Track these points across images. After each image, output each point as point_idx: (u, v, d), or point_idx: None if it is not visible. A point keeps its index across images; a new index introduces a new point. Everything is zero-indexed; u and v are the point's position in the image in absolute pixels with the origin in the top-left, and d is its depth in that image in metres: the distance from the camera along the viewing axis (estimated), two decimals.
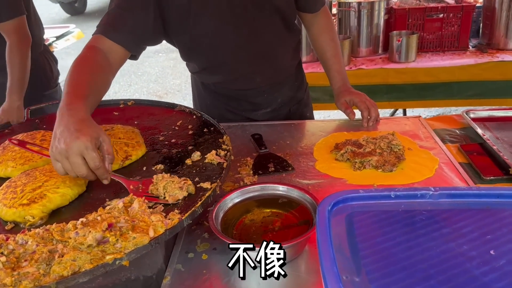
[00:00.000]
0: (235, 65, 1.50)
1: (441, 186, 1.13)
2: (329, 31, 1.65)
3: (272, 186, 1.04)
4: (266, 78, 1.56)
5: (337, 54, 1.64)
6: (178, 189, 0.97)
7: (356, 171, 1.25)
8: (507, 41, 2.88)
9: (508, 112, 1.50)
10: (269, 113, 1.65)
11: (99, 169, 0.95)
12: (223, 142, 1.18)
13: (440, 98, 2.83)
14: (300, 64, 1.73)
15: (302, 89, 1.73)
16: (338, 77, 1.63)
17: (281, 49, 1.55)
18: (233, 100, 1.62)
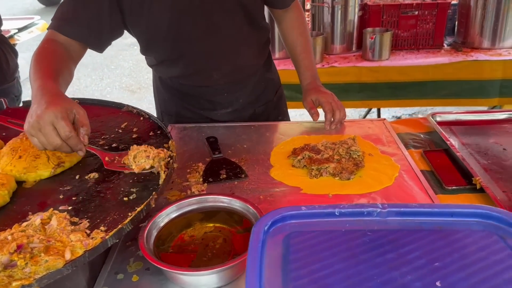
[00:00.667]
0: (191, 59, 1.41)
1: (400, 196, 1.07)
2: (299, 25, 1.56)
3: (215, 197, 0.95)
4: (224, 76, 1.47)
5: (307, 49, 1.56)
6: (145, 158, 0.96)
7: (312, 178, 1.17)
8: (481, 39, 2.84)
9: (475, 115, 1.44)
10: (230, 114, 1.56)
11: (71, 139, 0.92)
12: (168, 147, 1.09)
13: (414, 98, 2.78)
14: (270, 64, 1.64)
15: (270, 90, 1.64)
16: (307, 74, 1.55)
17: (243, 47, 1.45)
18: (191, 97, 1.54)
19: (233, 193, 1.11)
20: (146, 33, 1.34)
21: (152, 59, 1.48)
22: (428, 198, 1.06)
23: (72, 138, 0.93)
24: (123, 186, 0.96)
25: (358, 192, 1.10)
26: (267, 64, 1.61)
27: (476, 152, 1.26)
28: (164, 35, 1.33)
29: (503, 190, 1.08)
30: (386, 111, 3.92)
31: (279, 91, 1.69)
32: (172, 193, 1.12)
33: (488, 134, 1.35)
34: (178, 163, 1.25)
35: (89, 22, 1.22)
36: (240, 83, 1.52)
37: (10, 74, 2.21)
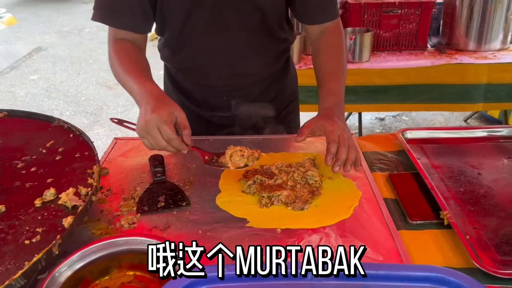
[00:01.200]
0: (190, 53, 1.31)
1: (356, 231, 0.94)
2: (333, 46, 1.31)
3: (126, 239, 0.80)
4: (222, 79, 1.35)
5: (336, 72, 1.27)
6: (240, 156, 1.05)
7: (262, 207, 1.03)
8: (467, 41, 2.71)
9: (449, 132, 1.31)
10: (229, 119, 1.43)
11: (173, 141, 1.00)
12: (92, 173, 0.95)
13: (395, 102, 2.65)
14: (285, 75, 1.46)
15: (280, 102, 1.47)
16: (329, 98, 1.22)
17: (250, 53, 1.30)
18: (190, 94, 1.43)
19: (169, 226, 0.97)
20: (160, 13, 1.25)
21: (161, 41, 1.38)
22: (389, 234, 0.93)
23: (174, 140, 0.99)
24: (29, 224, 0.82)
25: (311, 226, 0.96)
26: (282, 73, 1.45)
27: (448, 177, 1.13)
28: (172, 20, 1.25)
29: (474, 226, 0.95)
30: (369, 112, 3.79)
31: (291, 106, 1.53)
32: (99, 225, 0.97)
33: (463, 155, 1.23)
34: (114, 186, 1.12)
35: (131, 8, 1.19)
36: (241, 89, 1.39)
37: None
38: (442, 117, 3.81)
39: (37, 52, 5.99)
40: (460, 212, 1.00)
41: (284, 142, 1.34)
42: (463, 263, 0.86)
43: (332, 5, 1.32)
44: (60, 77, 4.92)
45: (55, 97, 4.51)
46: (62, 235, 0.77)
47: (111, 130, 3.77)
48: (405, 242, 0.91)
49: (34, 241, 0.78)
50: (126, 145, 1.32)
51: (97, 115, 4.09)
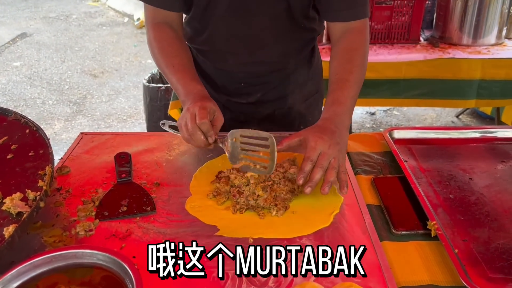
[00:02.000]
0: (211, 35, 1.25)
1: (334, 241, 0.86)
2: (350, 51, 1.17)
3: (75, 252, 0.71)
4: (241, 65, 1.29)
5: (347, 80, 1.12)
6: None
7: (236, 213, 0.94)
8: (461, 35, 2.63)
9: (439, 133, 1.23)
10: (244, 106, 1.37)
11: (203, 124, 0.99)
12: (44, 175, 0.85)
13: (386, 97, 2.56)
14: (309, 66, 1.37)
15: (300, 94, 1.38)
16: (332, 107, 1.08)
17: (272, 40, 1.23)
18: (209, 77, 1.37)
19: (130, 234, 0.88)
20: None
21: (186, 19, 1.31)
22: (371, 246, 0.85)
23: (204, 123, 0.98)
24: None
25: (286, 236, 0.88)
26: (305, 64, 1.36)
27: (437, 181, 1.05)
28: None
29: (463, 238, 0.87)
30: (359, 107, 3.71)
31: (311, 99, 1.43)
32: (53, 232, 0.88)
33: (454, 157, 1.15)
34: (74, 187, 1.02)
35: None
36: (260, 77, 1.32)
37: None
38: (434, 112, 3.74)
39: (21, 38, 5.82)
40: (449, 221, 0.92)
41: None
42: (450, 280, 0.79)
43: (360, 2, 1.16)
44: (44, 64, 4.77)
45: (38, 85, 4.37)
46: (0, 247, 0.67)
47: (94, 120, 3.65)
48: (388, 255, 0.83)
49: None
50: (92, 141, 1.22)
51: (80, 104, 3.96)
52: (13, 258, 0.75)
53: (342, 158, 0.97)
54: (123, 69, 4.66)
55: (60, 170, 1.07)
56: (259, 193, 0.96)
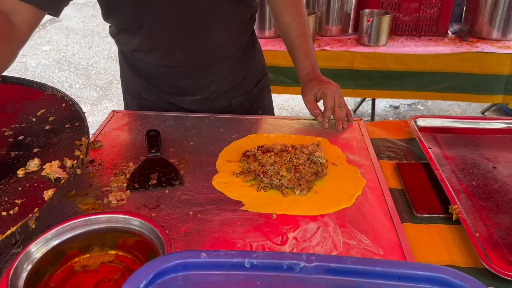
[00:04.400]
0: (150, 32, 1.19)
1: (356, 221, 0.87)
2: (295, 4, 1.33)
3: (109, 216, 0.75)
4: (190, 56, 1.25)
5: (304, 33, 1.32)
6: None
7: (260, 191, 0.97)
8: (490, 29, 2.59)
9: (465, 122, 1.23)
10: (199, 102, 1.35)
11: None
12: (80, 145, 0.89)
13: (411, 89, 2.55)
14: (253, 48, 1.40)
15: (251, 78, 1.41)
16: (307, 62, 1.30)
17: (216, 24, 1.21)
18: (154, 78, 1.32)
19: (159, 205, 0.92)
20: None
21: (113, 28, 1.27)
22: (392, 227, 0.87)
23: None
24: (8, 195, 0.78)
25: (309, 214, 0.90)
26: (250, 47, 1.39)
27: (460, 169, 1.05)
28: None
29: (485, 223, 0.88)
30: (384, 99, 3.69)
31: (262, 81, 1.46)
32: (86, 200, 0.93)
33: (478, 147, 1.15)
34: (107, 160, 1.07)
35: None
36: (211, 67, 1.30)
37: None
38: (459, 108, 3.69)
39: (50, 23, 5.95)
40: (471, 207, 0.93)
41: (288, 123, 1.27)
42: (470, 262, 0.80)
43: None
44: (72, 49, 4.88)
45: (66, 69, 4.48)
46: (40, 208, 0.72)
47: (120, 105, 3.72)
48: (409, 236, 0.85)
49: (12, 213, 0.73)
50: (123, 119, 1.27)
51: (106, 89, 4.05)
52: (50, 222, 0.80)
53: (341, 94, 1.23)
54: None
55: (93, 144, 1.12)
56: (283, 173, 0.98)
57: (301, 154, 1.03)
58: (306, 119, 1.29)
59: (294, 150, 1.05)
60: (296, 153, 1.03)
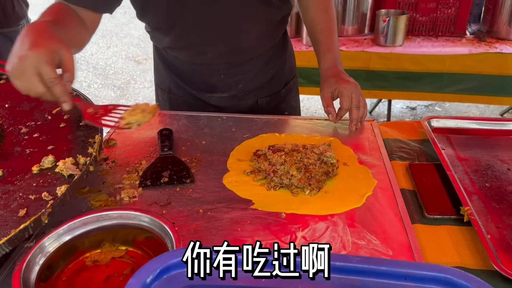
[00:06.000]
0: (183, 31, 1.22)
1: (366, 222, 0.87)
2: (326, 4, 1.34)
3: (120, 213, 0.77)
4: (220, 55, 1.28)
5: (330, 28, 1.33)
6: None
7: (269, 190, 0.98)
8: (509, 30, 2.55)
9: (480, 123, 1.21)
10: (227, 99, 1.37)
11: (55, 87, 0.81)
12: (93, 143, 0.91)
13: (427, 91, 2.53)
14: (283, 49, 1.41)
15: (279, 79, 1.42)
16: (328, 56, 1.31)
17: (246, 25, 1.23)
18: (185, 74, 1.36)
19: (170, 202, 0.93)
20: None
21: (149, 24, 1.30)
22: (402, 227, 0.86)
23: (56, 86, 0.81)
24: (23, 191, 0.80)
25: (318, 213, 0.90)
26: (280, 48, 1.40)
27: (473, 170, 1.04)
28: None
29: (497, 225, 0.87)
30: (401, 100, 3.65)
31: (291, 82, 1.47)
32: (99, 197, 0.94)
33: (493, 148, 1.13)
34: (120, 158, 1.09)
35: None
36: (240, 66, 1.32)
37: (14, 20, 2.17)
38: (477, 109, 3.63)
39: None
40: (483, 209, 0.91)
41: (300, 123, 1.27)
42: (481, 264, 0.79)
43: None
44: (91, 50, 4.96)
45: (85, 69, 4.55)
46: (52, 204, 0.74)
47: None
48: (419, 237, 0.84)
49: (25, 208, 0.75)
50: None
51: (124, 89, 4.10)
52: (63, 217, 0.81)
53: (360, 93, 1.21)
54: None
55: (107, 142, 1.13)
56: (293, 173, 0.99)
57: (312, 153, 1.03)
58: (318, 119, 1.29)
59: (304, 150, 1.05)
60: (307, 153, 1.03)
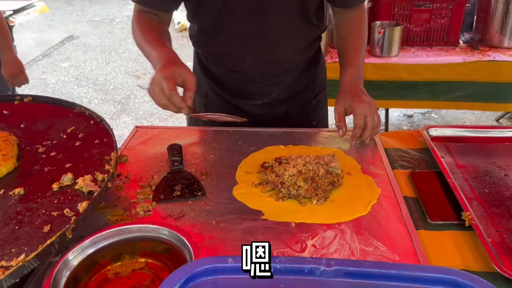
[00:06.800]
0: (227, 38, 1.30)
1: (372, 229, 0.91)
2: (357, 22, 1.38)
3: (139, 226, 0.81)
4: (258, 64, 1.35)
5: (358, 46, 1.36)
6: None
7: (278, 201, 1.02)
8: (501, 38, 2.62)
9: (477, 131, 1.26)
10: (260, 107, 1.43)
11: (173, 97, 1.05)
12: (110, 160, 0.95)
13: (423, 99, 2.59)
14: (316, 63, 1.47)
15: (310, 91, 1.48)
16: (349, 69, 1.32)
17: (286, 38, 1.30)
18: (221, 81, 1.42)
19: (183, 215, 0.97)
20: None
21: (194, 28, 1.38)
22: (407, 233, 0.90)
23: (173, 96, 1.04)
24: (45, 208, 0.84)
25: (326, 222, 0.94)
26: (314, 62, 1.46)
27: (472, 177, 1.09)
28: (209, 3, 1.24)
29: (497, 229, 0.91)
30: (397, 109, 3.71)
31: (321, 94, 1.53)
32: (115, 212, 0.98)
33: (490, 155, 1.18)
34: (133, 173, 1.12)
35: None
36: (275, 77, 1.39)
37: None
38: (473, 116, 3.69)
39: (69, 41, 6.12)
40: (483, 214, 0.96)
41: (304, 135, 1.32)
42: (483, 266, 0.83)
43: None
44: (90, 66, 5.02)
45: (85, 85, 4.60)
46: (76, 219, 0.77)
47: (137, 119, 3.82)
48: (423, 243, 0.88)
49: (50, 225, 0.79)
50: (146, 134, 1.33)
51: (124, 104, 4.15)
52: (82, 232, 0.85)
53: (376, 113, 1.22)
54: None
55: (119, 158, 1.17)
56: (300, 183, 1.03)
57: (317, 164, 1.08)
58: (321, 131, 1.34)
59: (310, 161, 1.09)
60: (312, 164, 1.08)
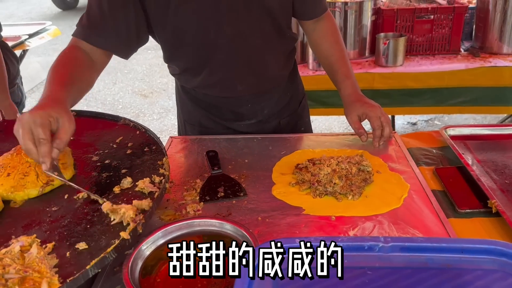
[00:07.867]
0: (214, 69, 1.35)
1: (408, 219, 0.99)
2: (333, 34, 1.47)
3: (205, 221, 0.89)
4: (249, 87, 1.41)
5: (343, 57, 1.45)
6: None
7: (316, 198, 1.10)
8: (501, 45, 2.72)
9: (492, 129, 1.35)
10: (254, 125, 1.50)
11: (41, 146, 0.88)
12: (162, 164, 1.04)
13: (429, 105, 2.68)
14: (295, 74, 1.57)
15: (295, 100, 1.57)
16: (347, 82, 1.43)
17: (269, 56, 1.38)
18: (214, 108, 1.48)
19: (230, 213, 1.05)
20: (171, 39, 1.30)
21: (175, 68, 1.43)
22: (439, 222, 0.98)
23: (43, 146, 0.88)
24: None
25: (364, 214, 1.02)
26: (293, 74, 1.55)
27: (492, 170, 1.17)
28: (188, 42, 1.28)
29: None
30: (401, 117, 3.82)
31: (303, 101, 1.63)
32: (167, 212, 1.06)
33: (506, 150, 1.27)
34: (176, 178, 1.20)
35: (117, 31, 1.20)
36: (265, 94, 1.46)
37: (10, 81, 2.19)
38: (475, 121, 3.79)
39: None
40: (507, 202, 1.04)
41: (328, 139, 1.40)
42: None
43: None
44: (98, 86, 5.12)
45: (94, 106, 4.70)
46: (145, 215, 0.85)
47: None
48: (455, 229, 0.96)
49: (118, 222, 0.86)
50: (181, 143, 1.42)
51: None
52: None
53: (384, 113, 1.35)
54: (170, 89, 4.93)
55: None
56: (335, 181, 1.11)
57: (349, 164, 1.16)
58: (344, 135, 1.43)
59: (342, 160, 1.18)
60: (345, 163, 1.16)
